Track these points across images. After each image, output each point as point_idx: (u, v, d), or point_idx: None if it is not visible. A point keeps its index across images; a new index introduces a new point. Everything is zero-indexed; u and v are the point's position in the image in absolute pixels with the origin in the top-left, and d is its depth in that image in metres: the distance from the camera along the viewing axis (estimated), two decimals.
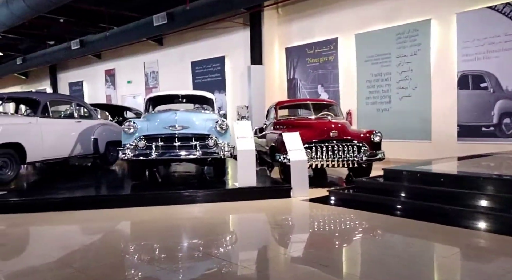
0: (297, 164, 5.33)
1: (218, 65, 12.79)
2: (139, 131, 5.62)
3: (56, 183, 6.11)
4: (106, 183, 6.38)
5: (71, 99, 7.52)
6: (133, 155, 5.49)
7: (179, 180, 6.49)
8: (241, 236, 3.90)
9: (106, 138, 7.84)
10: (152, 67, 15.52)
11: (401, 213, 4.24)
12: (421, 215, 3.97)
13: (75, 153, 7.10)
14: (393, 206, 4.45)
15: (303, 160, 5.38)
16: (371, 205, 4.56)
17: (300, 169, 5.33)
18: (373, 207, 4.47)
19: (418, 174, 4.64)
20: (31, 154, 6.05)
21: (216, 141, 5.65)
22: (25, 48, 18.01)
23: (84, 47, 13.92)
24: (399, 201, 4.51)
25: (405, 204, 4.41)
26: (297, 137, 5.58)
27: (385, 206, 4.44)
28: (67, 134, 6.97)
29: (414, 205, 4.31)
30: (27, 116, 6.58)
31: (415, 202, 4.34)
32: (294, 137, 5.58)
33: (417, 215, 4.03)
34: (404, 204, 4.43)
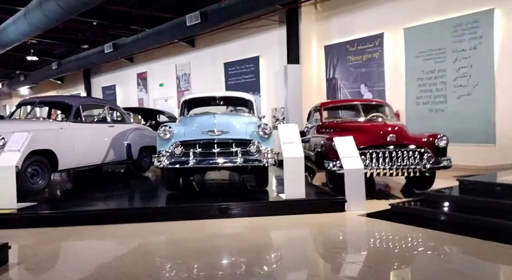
0: (352, 173, 4.68)
1: (252, 66, 12.28)
2: (175, 137, 5.15)
3: (89, 192, 5.74)
4: (140, 193, 5.95)
5: (103, 103, 7.20)
6: (169, 163, 5.02)
7: (217, 190, 5.96)
8: (291, 260, 3.31)
9: (139, 143, 7.47)
10: (184, 69, 15.24)
11: (485, 235, 3.50)
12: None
13: (108, 159, 6.75)
14: (476, 225, 3.71)
15: (359, 168, 4.72)
16: (446, 223, 3.85)
17: (356, 179, 4.67)
18: (449, 226, 3.75)
19: (507, 186, 3.86)
20: (63, 161, 5.72)
21: (258, 147, 5.09)
22: (60, 53, 18.30)
23: (117, 50, 13.81)
24: (482, 219, 3.76)
25: (491, 224, 3.66)
26: (351, 142, 4.93)
27: (465, 226, 3.72)
28: (100, 139, 6.63)
29: (502, 226, 3.57)
30: (58, 121, 6.28)
31: (505, 222, 3.58)
32: (347, 142, 4.93)
33: (508, 237, 3.29)
34: (489, 224, 3.68)
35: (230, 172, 6.90)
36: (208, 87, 13.58)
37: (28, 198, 5.08)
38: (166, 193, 5.48)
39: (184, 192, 5.57)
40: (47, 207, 4.88)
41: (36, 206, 4.78)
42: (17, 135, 4.96)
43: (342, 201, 4.67)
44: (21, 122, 5.81)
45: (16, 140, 4.93)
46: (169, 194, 5.39)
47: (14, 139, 4.93)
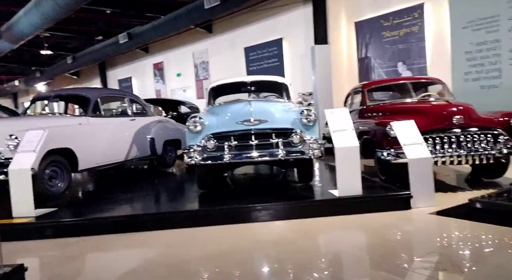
0: (418, 163, 3.96)
1: (275, 49, 11.50)
2: (207, 129, 4.51)
3: (112, 194, 5.20)
4: (168, 193, 5.37)
5: (123, 94, 6.62)
6: (201, 159, 4.40)
7: (253, 187, 5.30)
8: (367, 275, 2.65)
9: (163, 137, 6.90)
10: (201, 57, 14.58)
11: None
12: None
13: (131, 156, 6.19)
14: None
15: (427, 157, 3.99)
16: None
17: (423, 170, 3.95)
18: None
19: None
20: (83, 160, 5.18)
21: (302, 137, 4.42)
22: (75, 47, 17.90)
23: (132, 40, 13.24)
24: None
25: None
26: (413, 127, 4.19)
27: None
28: (122, 134, 6.07)
29: None
30: (76, 116, 5.74)
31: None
32: (408, 127, 4.19)
33: None
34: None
35: (265, 165, 6.25)
36: (228, 74, 12.89)
37: (47, 203, 4.57)
38: (197, 192, 4.89)
39: (218, 191, 4.96)
40: (68, 213, 4.35)
41: (56, 213, 4.26)
42: (31, 134, 4.42)
43: (407, 197, 3.97)
44: (36, 118, 5.29)
45: (31, 139, 4.39)
46: (201, 194, 4.79)
47: (29, 138, 4.39)
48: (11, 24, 10.77)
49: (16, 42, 11.83)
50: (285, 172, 5.72)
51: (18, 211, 4.10)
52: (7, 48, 12.76)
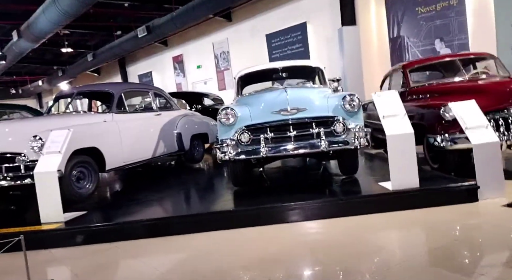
0: (484, 149, 3.47)
1: (299, 34, 10.98)
2: (240, 121, 4.14)
3: (142, 194, 4.92)
4: (200, 191, 5.03)
5: (147, 88, 6.32)
6: (235, 153, 4.04)
7: (294, 182, 4.85)
8: None
9: (190, 131, 6.59)
10: (222, 47, 14.19)
11: None
12: None
13: (158, 153, 5.91)
14: None
15: (494, 141, 3.49)
16: None
17: (490, 157, 3.47)
18: None
19: None
20: (110, 159, 4.92)
21: (345, 125, 3.99)
22: (95, 44, 17.85)
23: (151, 33, 12.95)
24: None
25: None
26: (475, 107, 3.69)
27: None
28: (148, 130, 5.78)
29: None
30: (100, 113, 5.48)
31: None
32: (469, 108, 3.70)
33: None
34: None
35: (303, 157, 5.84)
36: (250, 63, 12.42)
37: (75, 206, 4.34)
38: (230, 189, 4.55)
39: (253, 187, 4.60)
40: (98, 216, 4.09)
41: (86, 216, 4.01)
42: (56, 134, 4.16)
43: (473, 188, 3.49)
44: (60, 117, 5.05)
45: (55, 139, 4.13)
46: (236, 192, 4.44)
47: (53, 138, 4.13)
48: (31, 23, 10.66)
49: (36, 41, 11.75)
50: (325, 163, 5.30)
51: (46, 216, 3.87)
52: (28, 48, 12.73)
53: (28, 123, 4.69)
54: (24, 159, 4.20)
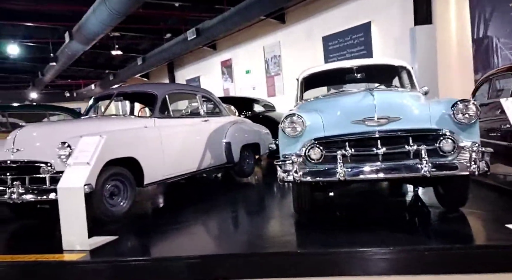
0: None
1: (361, 35, 9.90)
2: (308, 132, 3.22)
3: (183, 216, 4.13)
4: (252, 216, 4.13)
5: (195, 90, 5.58)
6: (302, 174, 3.11)
7: (374, 214, 3.73)
8: None
9: (240, 141, 5.76)
10: (273, 50, 13.40)
11: None
12: None
13: (205, 165, 5.12)
14: None
15: None
16: None
17: None
18: None
19: None
20: (149, 172, 4.19)
21: (456, 142, 2.94)
22: (145, 49, 17.85)
23: (200, 36, 12.46)
24: None
25: None
26: None
27: None
28: (193, 139, 5.02)
29: None
30: (141, 117, 4.79)
31: None
32: None
33: None
34: None
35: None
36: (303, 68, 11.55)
37: (106, 227, 3.63)
38: (291, 217, 3.62)
39: (319, 216, 3.64)
40: (130, 246, 3.33)
41: (116, 245, 3.26)
42: (85, 141, 3.47)
43: None
44: (94, 121, 4.42)
45: (85, 147, 3.44)
46: (299, 221, 3.50)
47: (82, 146, 3.45)
48: (82, 24, 10.51)
49: (87, 42, 11.65)
50: (418, 189, 4.18)
51: (69, 242, 3.16)
52: (80, 50, 12.71)
53: (58, 127, 4.07)
54: (49, 170, 3.55)
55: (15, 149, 3.69)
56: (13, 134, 3.77)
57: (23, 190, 3.51)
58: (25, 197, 3.49)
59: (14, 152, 3.69)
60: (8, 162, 3.69)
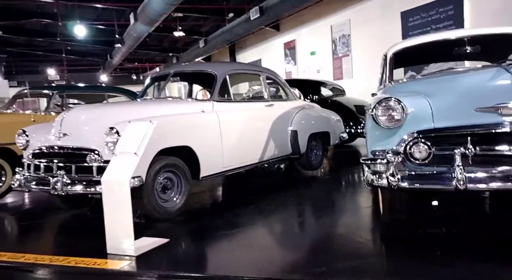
0: None
1: (450, 8, 8.49)
2: (410, 122, 2.42)
3: (245, 214, 3.56)
4: (324, 221, 3.41)
5: (258, 70, 4.91)
6: (401, 177, 2.33)
7: (487, 229, 2.92)
8: None
9: (307, 129, 5.04)
10: (342, 30, 12.27)
11: None
12: None
13: (267, 156, 4.49)
14: None
15: None
16: None
17: None
18: None
19: None
20: (206, 163, 3.65)
21: None
22: (207, 31, 17.57)
23: (264, 15, 11.73)
24: None
25: None
26: None
27: None
28: (256, 126, 4.40)
29: None
30: (197, 100, 4.25)
31: None
32: None
33: None
34: None
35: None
36: (376, 48, 10.41)
37: (155, 225, 3.17)
38: (375, 231, 2.86)
39: (415, 229, 2.83)
40: (184, 253, 2.81)
41: (167, 249, 2.76)
42: (133, 127, 2.99)
43: None
44: (145, 104, 3.95)
45: (132, 134, 2.96)
46: (387, 239, 2.73)
47: (130, 133, 2.97)
48: (145, 4, 10.34)
49: (151, 23, 11.50)
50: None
51: (114, 245, 2.72)
52: (144, 31, 12.67)
53: (108, 109, 3.65)
54: (96, 159, 3.13)
55: (62, 133, 3.33)
56: (61, 116, 3.41)
57: (68, 181, 3.13)
58: (69, 189, 3.12)
59: (61, 136, 3.33)
60: (56, 148, 3.35)
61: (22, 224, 3.83)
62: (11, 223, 3.98)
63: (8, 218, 4.10)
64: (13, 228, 3.84)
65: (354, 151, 7.71)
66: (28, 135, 3.60)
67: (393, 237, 2.73)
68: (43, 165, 3.36)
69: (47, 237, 3.38)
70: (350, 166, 5.89)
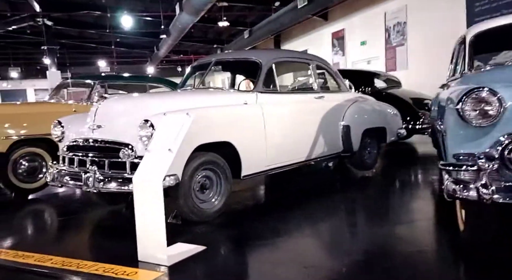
0: None
1: None
2: (508, 119, 1.88)
3: (291, 219, 3.16)
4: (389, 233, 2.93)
5: (308, 59, 4.43)
6: (496, 190, 1.82)
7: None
8: None
9: (362, 124, 4.52)
10: (397, 17, 11.36)
11: None
12: None
13: (316, 154, 4.04)
14: None
15: None
16: None
17: None
18: None
19: None
20: (249, 161, 3.29)
21: None
22: (252, 21, 17.20)
23: (312, 3, 11.16)
24: None
25: None
26: None
27: None
28: (304, 120, 3.96)
29: None
30: (239, 91, 3.87)
31: None
32: None
33: None
34: None
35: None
36: (435, 37, 9.53)
37: (192, 229, 2.86)
38: (454, 251, 2.33)
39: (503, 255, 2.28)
40: (222, 265, 2.46)
41: (203, 260, 2.43)
42: (168, 120, 2.68)
43: None
44: (184, 95, 3.63)
45: (168, 128, 2.65)
46: (469, 261, 2.21)
47: (165, 126, 2.66)
48: None
49: (196, 13, 11.34)
50: None
51: (145, 253, 2.43)
52: (189, 22, 12.55)
53: (144, 100, 3.37)
54: (130, 154, 2.86)
55: (95, 125, 3.10)
56: (95, 107, 3.18)
57: (100, 177, 2.89)
58: (101, 186, 2.87)
59: (94, 128, 3.10)
60: (91, 141, 3.13)
61: (57, 220, 3.70)
62: (46, 218, 3.87)
63: (43, 213, 4.00)
64: (47, 224, 3.71)
65: (410, 148, 7.03)
66: (64, 126, 3.42)
67: (473, 261, 2.21)
68: (77, 159, 3.16)
69: (79, 236, 3.18)
70: (407, 167, 5.29)
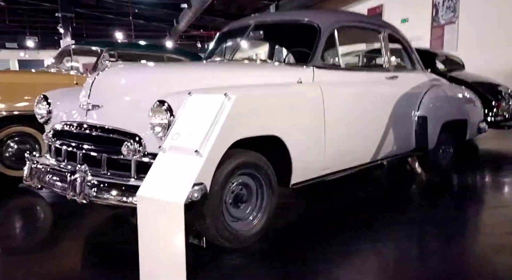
0: None
1: None
2: None
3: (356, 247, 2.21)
4: None
5: (379, 25, 3.30)
6: None
7: None
8: None
9: (441, 115, 3.47)
10: None
11: None
12: None
13: (383, 153, 3.04)
14: None
15: None
16: None
17: None
18: None
19: None
20: (302, 163, 2.33)
21: None
22: None
23: None
24: None
25: None
26: None
27: None
28: (372, 108, 2.94)
29: None
30: (290, 65, 2.87)
31: None
32: None
33: None
34: None
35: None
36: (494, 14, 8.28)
37: (221, 259, 1.96)
38: None
39: None
40: None
41: None
42: (196, 101, 1.72)
43: None
44: (213, 68, 2.62)
45: (194, 115, 1.69)
46: None
47: (189, 112, 1.70)
48: None
49: None
50: None
51: None
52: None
53: (157, 72, 2.34)
54: (136, 149, 1.93)
55: (90, 104, 2.17)
56: (91, 79, 2.24)
57: (93, 181, 1.98)
58: (93, 195, 1.95)
59: (89, 109, 2.17)
60: (85, 127, 2.21)
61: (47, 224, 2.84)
62: (34, 218, 3.00)
63: (31, 210, 3.14)
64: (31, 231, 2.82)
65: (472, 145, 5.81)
66: (51, 102, 2.51)
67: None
68: (65, 150, 2.26)
69: (70, 253, 2.30)
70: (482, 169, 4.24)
